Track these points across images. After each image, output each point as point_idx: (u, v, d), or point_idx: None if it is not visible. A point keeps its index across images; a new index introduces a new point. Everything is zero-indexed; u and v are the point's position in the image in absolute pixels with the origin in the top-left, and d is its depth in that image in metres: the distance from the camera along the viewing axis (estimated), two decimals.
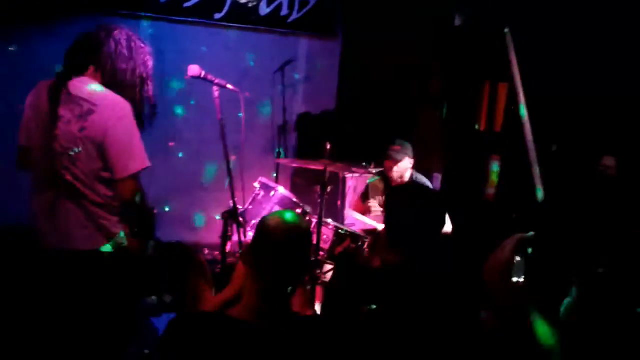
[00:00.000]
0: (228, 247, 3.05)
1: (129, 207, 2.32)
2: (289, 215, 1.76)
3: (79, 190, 2.27)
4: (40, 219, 2.34)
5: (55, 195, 2.29)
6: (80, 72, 2.30)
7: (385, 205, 2.14)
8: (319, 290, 3.33)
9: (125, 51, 2.33)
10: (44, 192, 2.32)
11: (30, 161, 2.36)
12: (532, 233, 1.73)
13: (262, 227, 1.73)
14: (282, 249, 1.69)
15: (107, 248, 2.34)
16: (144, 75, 2.40)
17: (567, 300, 1.73)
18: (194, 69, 2.84)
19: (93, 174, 2.26)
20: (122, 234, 2.37)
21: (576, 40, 4.02)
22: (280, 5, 5.16)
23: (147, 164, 2.31)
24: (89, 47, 2.31)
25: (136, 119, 2.32)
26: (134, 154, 2.26)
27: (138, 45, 2.39)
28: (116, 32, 2.35)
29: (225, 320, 1.66)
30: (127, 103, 2.29)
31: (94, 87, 2.28)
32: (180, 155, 4.96)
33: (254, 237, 1.75)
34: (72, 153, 2.23)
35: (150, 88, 2.44)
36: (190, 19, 4.87)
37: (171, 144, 4.86)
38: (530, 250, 1.66)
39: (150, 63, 2.44)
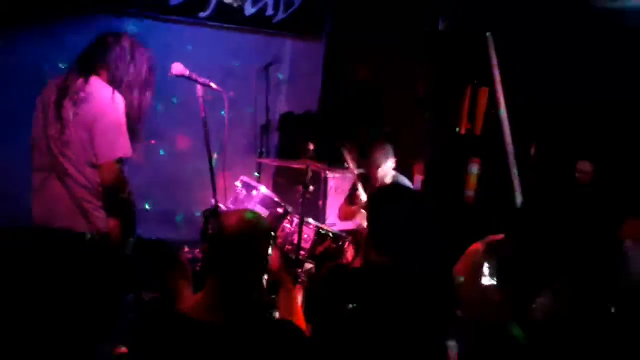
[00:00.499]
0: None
1: (110, 193, 2.48)
2: (247, 213, 1.80)
3: (68, 172, 2.44)
4: (33, 198, 2.52)
5: (47, 174, 2.48)
6: (88, 72, 2.50)
7: (369, 207, 2.16)
8: (299, 289, 3.35)
9: (129, 57, 2.55)
10: (39, 171, 2.51)
11: (35, 148, 2.54)
12: (502, 236, 1.78)
13: (220, 222, 1.78)
14: (235, 244, 1.72)
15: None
16: (145, 82, 2.63)
17: (537, 301, 1.78)
18: (178, 68, 2.85)
19: (84, 158, 2.44)
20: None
21: (557, 45, 4.09)
22: (265, 6, 5.17)
23: (130, 153, 2.50)
24: (98, 51, 2.54)
25: (131, 124, 2.53)
26: (118, 141, 2.44)
27: (141, 52, 2.61)
28: (123, 39, 2.57)
29: (178, 319, 1.68)
30: (120, 98, 2.48)
31: (97, 84, 2.48)
32: (162, 152, 4.94)
33: (212, 233, 1.79)
34: (65, 137, 2.42)
35: (147, 96, 2.67)
36: (175, 17, 4.86)
37: (153, 141, 4.84)
38: (500, 253, 1.71)
39: (150, 69, 2.67)
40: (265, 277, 1.83)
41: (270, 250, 2.03)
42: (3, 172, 4.10)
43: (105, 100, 2.45)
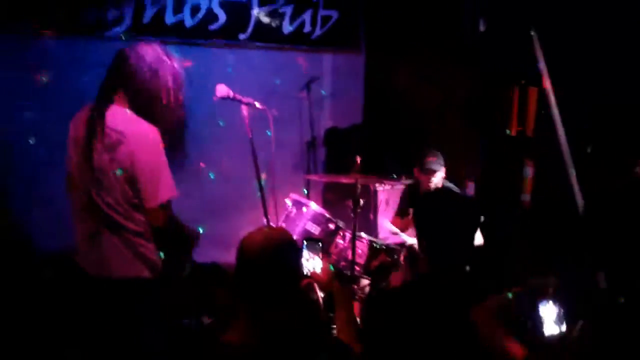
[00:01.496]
0: None
1: (161, 234, 2.35)
2: (267, 230, 1.75)
3: (114, 219, 2.30)
4: (81, 247, 2.39)
5: (93, 224, 2.33)
6: (111, 99, 2.32)
7: (415, 213, 2.10)
8: (356, 306, 3.29)
9: (147, 71, 2.31)
10: (84, 221, 2.36)
11: (72, 191, 2.41)
12: (510, 295, 1.71)
13: (239, 247, 1.72)
14: (258, 265, 1.66)
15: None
16: (171, 92, 2.37)
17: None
18: (222, 90, 2.87)
19: (126, 201, 2.30)
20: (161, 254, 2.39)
21: (606, 40, 3.93)
22: (303, 23, 5.20)
23: (175, 193, 2.33)
24: (115, 73, 2.34)
25: (168, 140, 2.34)
26: (161, 183, 2.28)
27: (163, 62, 2.37)
28: (137, 53, 2.34)
29: (217, 346, 1.64)
30: (155, 132, 2.29)
31: (123, 116, 2.30)
32: (212, 176, 4.99)
33: (236, 259, 1.75)
34: (105, 183, 2.28)
35: (178, 105, 2.41)
36: (215, 41, 4.94)
37: (202, 164, 4.91)
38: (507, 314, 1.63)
39: (177, 78, 2.42)
40: (320, 294, 1.78)
41: (313, 262, 1.99)
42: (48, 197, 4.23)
43: (138, 136, 2.27)
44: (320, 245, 2.08)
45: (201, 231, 4.86)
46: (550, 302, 1.69)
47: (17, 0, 4.12)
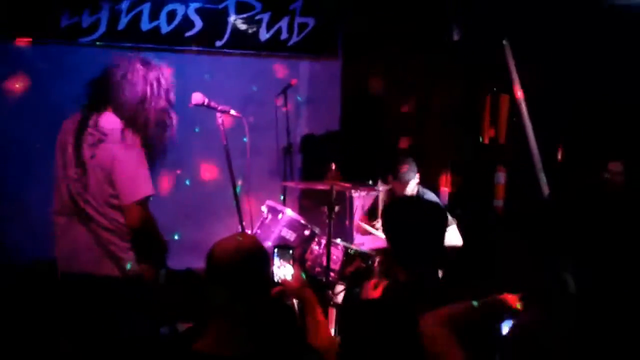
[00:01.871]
0: None
1: (137, 234, 2.41)
2: (234, 238, 1.75)
3: (89, 215, 2.38)
4: (57, 243, 2.48)
5: (68, 219, 2.43)
6: (99, 108, 2.44)
7: (383, 220, 2.14)
8: (331, 312, 3.32)
9: (135, 83, 2.43)
10: (61, 217, 2.46)
11: (56, 190, 2.50)
12: (475, 303, 1.75)
13: (208, 254, 1.72)
14: (227, 272, 1.66)
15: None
16: (158, 106, 2.49)
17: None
18: (197, 97, 2.88)
19: (104, 199, 2.37)
20: (129, 265, 2.42)
21: (576, 47, 4.03)
22: (279, 30, 5.23)
23: (152, 191, 2.41)
24: (105, 83, 2.45)
25: (153, 148, 2.45)
26: (139, 181, 2.37)
27: (151, 76, 2.49)
28: (130, 64, 2.46)
29: (190, 355, 1.64)
30: (136, 134, 2.39)
31: (108, 119, 2.42)
32: (187, 182, 4.99)
33: (205, 266, 1.74)
34: (83, 180, 2.37)
35: (166, 118, 2.55)
36: (191, 48, 4.94)
37: (178, 171, 4.90)
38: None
39: (159, 87, 2.52)
40: (295, 300, 1.78)
41: (284, 270, 2.00)
42: (24, 211, 4.19)
43: (120, 139, 2.37)
44: (291, 252, 2.10)
45: (177, 237, 4.86)
46: (511, 320, 1.74)
47: None
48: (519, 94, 4.33)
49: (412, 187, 3.86)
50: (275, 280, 2.04)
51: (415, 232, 1.98)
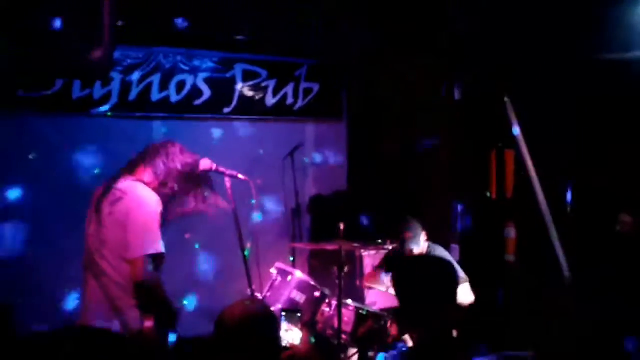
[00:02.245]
0: None
1: (141, 290, 2.46)
2: (242, 304, 1.76)
3: (103, 269, 2.49)
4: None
5: (87, 275, 2.56)
6: (127, 173, 2.63)
7: (393, 281, 2.12)
8: None
9: (174, 163, 2.68)
10: (83, 271, 2.60)
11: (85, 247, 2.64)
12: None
13: (217, 320, 1.74)
14: (236, 337, 1.66)
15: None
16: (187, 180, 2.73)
17: None
18: (205, 163, 2.94)
19: (119, 255, 2.48)
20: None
21: (576, 99, 4.09)
22: (285, 95, 5.38)
23: (161, 249, 2.49)
24: (141, 155, 2.68)
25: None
26: (148, 237, 2.47)
27: (187, 159, 2.75)
28: (169, 146, 2.73)
29: None
30: (153, 195, 2.56)
31: (132, 182, 2.59)
32: (197, 246, 4.99)
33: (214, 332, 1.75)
34: (102, 236, 2.51)
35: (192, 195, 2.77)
36: (200, 115, 5.08)
37: (187, 235, 4.92)
38: None
39: (192, 170, 2.76)
40: None
41: (292, 334, 1.98)
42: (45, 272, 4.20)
43: (137, 197, 2.54)
44: (299, 315, 2.08)
45: (186, 303, 4.81)
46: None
47: (5, 81, 4.25)
48: (523, 148, 4.38)
49: (421, 249, 3.81)
50: (283, 344, 2.01)
51: (425, 291, 1.95)
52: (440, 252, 3.89)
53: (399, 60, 4.94)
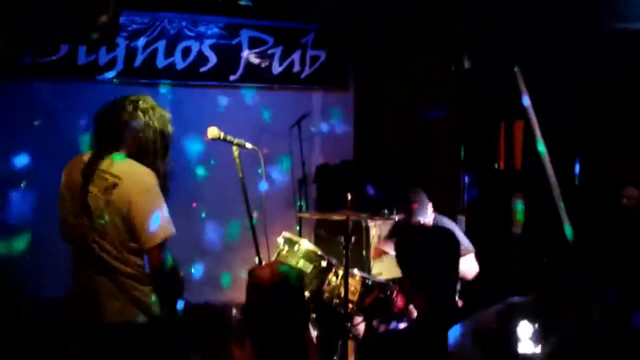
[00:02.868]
0: None
1: (159, 275, 2.34)
2: (279, 266, 1.81)
3: (109, 263, 2.30)
4: (75, 294, 2.39)
5: (87, 270, 2.34)
6: (108, 147, 2.36)
7: (396, 251, 2.12)
8: (351, 344, 3.27)
9: (145, 119, 2.39)
10: (79, 268, 2.37)
11: (67, 237, 2.42)
12: None
13: (252, 276, 1.76)
14: (268, 296, 1.71)
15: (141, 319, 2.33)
16: (165, 141, 2.45)
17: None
18: (212, 131, 2.90)
19: (122, 245, 2.29)
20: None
21: (586, 71, 4.02)
22: (292, 63, 5.31)
23: (172, 231, 2.33)
24: (114, 121, 2.38)
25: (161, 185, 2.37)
26: (159, 222, 2.28)
27: (157, 112, 2.46)
28: (138, 103, 2.43)
29: None
30: (151, 174, 2.34)
31: (118, 160, 2.34)
32: (203, 215, 5.01)
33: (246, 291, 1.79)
34: (99, 227, 2.28)
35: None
36: (206, 83, 5.03)
37: (194, 204, 4.93)
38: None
39: (170, 128, 2.50)
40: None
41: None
42: (45, 248, 4.23)
43: (135, 182, 2.31)
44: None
45: (193, 271, 4.85)
46: (527, 321, 1.71)
47: (10, 45, 4.20)
48: (533, 119, 4.32)
49: (427, 217, 3.81)
50: None
51: (428, 261, 1.98)
52: (447, 223, 3.89)
53: (407, 30, 4.86)
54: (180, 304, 2.61)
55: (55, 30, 2.98)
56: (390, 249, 3.92)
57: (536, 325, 1.66)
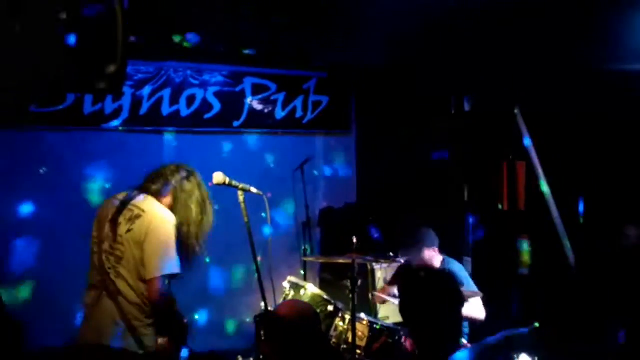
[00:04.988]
0: None
1: (157, 309, 2.46)
2: (296, 302, 1.84)
3: (119, 288, 2.45)
4: (85, 314, 2.55)
5: (99, 292, 2.49)
6: (146, 191, 2.59)
7: (399, 292, 2.10)
8: None
9: (189, 187, 2.65)
10: (92, 289, 2.53)
11: (91, 264, 2.58)
12: None
13: (274, 316, 1.76)
14: (291, 328, 1.72)
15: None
16: (201, 216, 2.69)
17: None
18: (218, 177, 2.92)
19: (136, 272, 2.45)
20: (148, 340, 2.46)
21: (586, 111, 4.07)
22: (294, 109, 5.39)
23: (178, 270, 2.48)
24: (159, 176, 2.62)
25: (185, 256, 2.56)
26: (166, 257, 2.44)
27: (202, 188, 2.72)
28: (181, 170, 2.67)
29: None
30: (172, 216, 2.53)
31: (150, 200, 2.55)
32: (207, 260, 4.98)
33: (267, 329, 1.80)
34: (118, 253, 2.46)
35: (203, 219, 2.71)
36: (210, 129, 5.09)
37: None
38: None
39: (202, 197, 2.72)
40: None
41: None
42: (48, 295, 4.20)
43: (157, 216, 2.50)
44: None
45: (197, 318, 4.78)
46: (526, 354, 1.70)
47: (20, 96, 4.28)
48: (535, 160, 4.35)
49: (432, 256, 3.76)
50: None
51: (426, 306, 1.95)
52: (454, 266, 3.84)
53: (408, 73, 4.95)
54: (185, 353, 2.60)
55: (62, 80, 3.04)
56: (393, 294, 3.88)
57: (536, 358, 1.64)
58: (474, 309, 3.61)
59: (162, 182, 2.60)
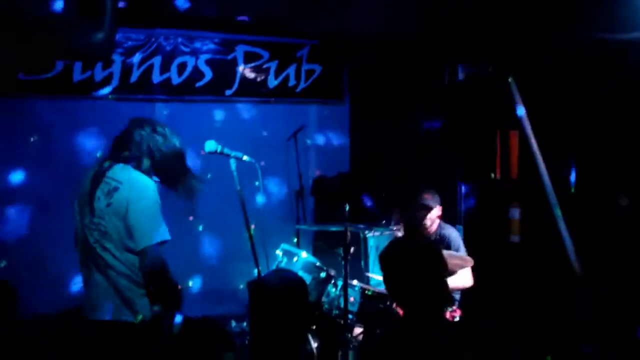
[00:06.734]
0: None
1: (150, 278, 2.46)
2: (283, 272, 1.85)
3: (107, 262, 2.45)
4: (84, 294, 2.56)
5: (89, 269, 2.50)
6: (117, 161, 2.54)
7: (380, 261, 2.11)
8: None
9: (158, 140, 2.59)
10: (83, 265, 2.54)
11: (76, 240, 2.59)
12: None
13: (253, 289, 1.83)
14: (277, 301, 1.76)
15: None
16: (180, 158, 2.68)
17: None
18: (210, 145, 2.92)
19: (122, 244, 2.44)
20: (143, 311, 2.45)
21: (579, 78, 4.05)
22: (287, 77, 5.34)
23: (167, 237, 2.48)
24: (126, 140, 2.57)
25: (183, 192, 2.62)
26: (153, 226, 2.43)
27: (168, 132, 2.66)
28: (148, 125, 2.62)
29: None
30: (151, 182, 2.51)
31: (123, 169, 2.52)
32: (200, 228, 5.00)
33: (250, 298, 1.82)
34: (101, 227, 2.44)
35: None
36: (202, 97, 5.05)
37: (190, 218, 4.92)
38: None
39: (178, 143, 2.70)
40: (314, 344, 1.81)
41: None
42: (42, 263, 4.21)
43: (134, 186, 2.46)
44: None
45: (191, 285, 4.82)
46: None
47: (8, 64, 4.22)
48: (528, 129, 4.35)
49: (435, 218, 3.77)
50: None
51: (407, 273, 1.97)
52: (450, 231, 3.87)
53: (401, 43, 4.89)
54: (178, 318, 2.63)
55: (52, 47, 3.01)
56: None
57: None
58: (461, 279, 3.64)
59: (131, 146, 2.54)
